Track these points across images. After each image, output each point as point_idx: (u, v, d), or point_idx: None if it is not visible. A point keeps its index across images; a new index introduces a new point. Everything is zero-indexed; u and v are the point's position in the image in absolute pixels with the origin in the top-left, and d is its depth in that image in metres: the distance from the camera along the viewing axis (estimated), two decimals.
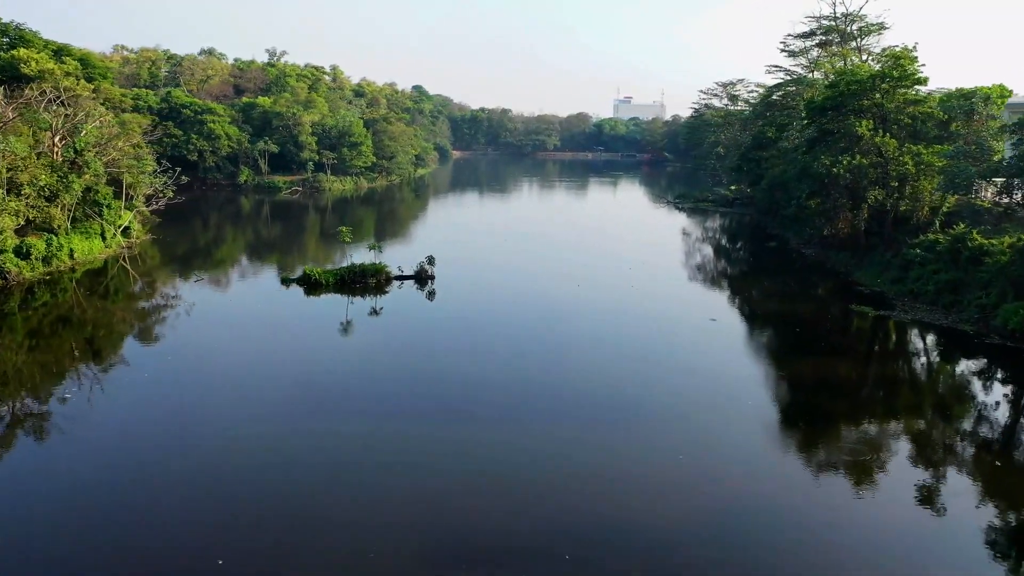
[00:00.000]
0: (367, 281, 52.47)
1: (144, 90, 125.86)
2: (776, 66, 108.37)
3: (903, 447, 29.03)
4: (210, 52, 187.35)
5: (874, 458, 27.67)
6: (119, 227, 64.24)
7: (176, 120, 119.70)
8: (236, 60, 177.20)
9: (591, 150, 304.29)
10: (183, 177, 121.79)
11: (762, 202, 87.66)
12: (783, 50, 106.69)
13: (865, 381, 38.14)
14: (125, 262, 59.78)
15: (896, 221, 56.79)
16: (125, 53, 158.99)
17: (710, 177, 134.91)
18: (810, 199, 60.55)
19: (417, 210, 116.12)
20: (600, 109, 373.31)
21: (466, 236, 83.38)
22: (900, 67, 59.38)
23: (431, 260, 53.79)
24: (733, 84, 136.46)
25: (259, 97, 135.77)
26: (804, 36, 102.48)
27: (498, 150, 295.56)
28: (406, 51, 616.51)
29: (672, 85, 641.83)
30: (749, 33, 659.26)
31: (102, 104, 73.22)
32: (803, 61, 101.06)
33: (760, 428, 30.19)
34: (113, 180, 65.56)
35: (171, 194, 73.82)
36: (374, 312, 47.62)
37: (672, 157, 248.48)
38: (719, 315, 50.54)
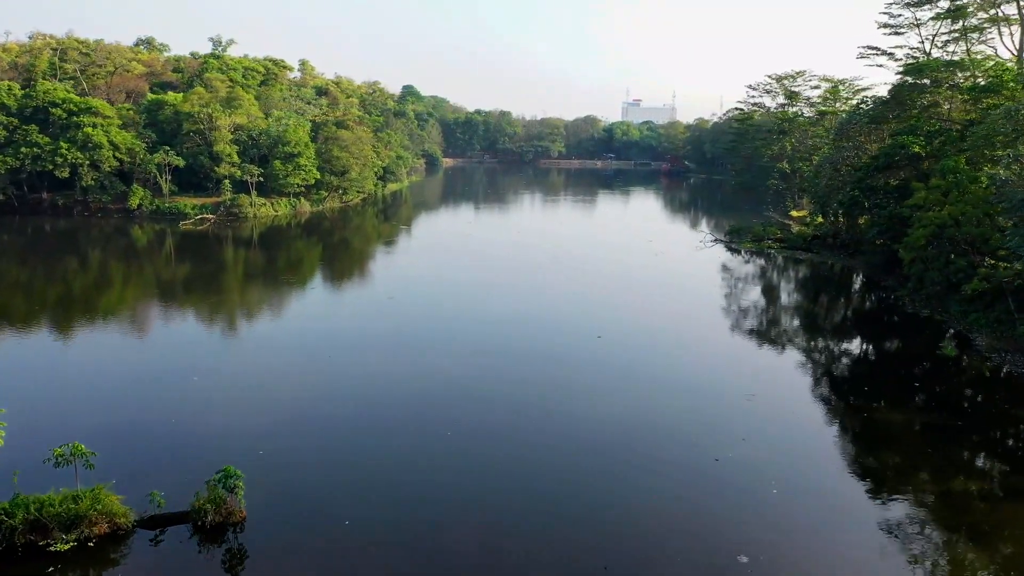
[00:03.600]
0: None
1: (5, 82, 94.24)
2: (872, 48, 76.08)
3: None
4: (148, 43, 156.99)
5: None
6: None
7: (43, 123, 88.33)
8: (189, 55, 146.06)
9: (600, 157, 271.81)
10: (58, 200, 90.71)
11: (881, 255, 55.76)
12: (885, 24, 74.53)
13: None
14: None
15: None
16: (12, 39, 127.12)
17: (769, 200, 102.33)
18: None
19: (374, 242, 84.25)
20: (607, 112, 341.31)
21: (433, 290, 52.17)
22: None
23: (228, 480, 21.91)
24: (792, 77, 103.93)
25: (169, 93, 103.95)
26: (917, 3, 70.35)
27: (496, 157, 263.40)
28: (401, 50, 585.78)
29: (683, 87, 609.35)
30: (764, 32, 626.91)
31: None
32: (914, 40, 68.99)
33: None
34: None
35: None
36: None
37: (694, 167, 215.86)
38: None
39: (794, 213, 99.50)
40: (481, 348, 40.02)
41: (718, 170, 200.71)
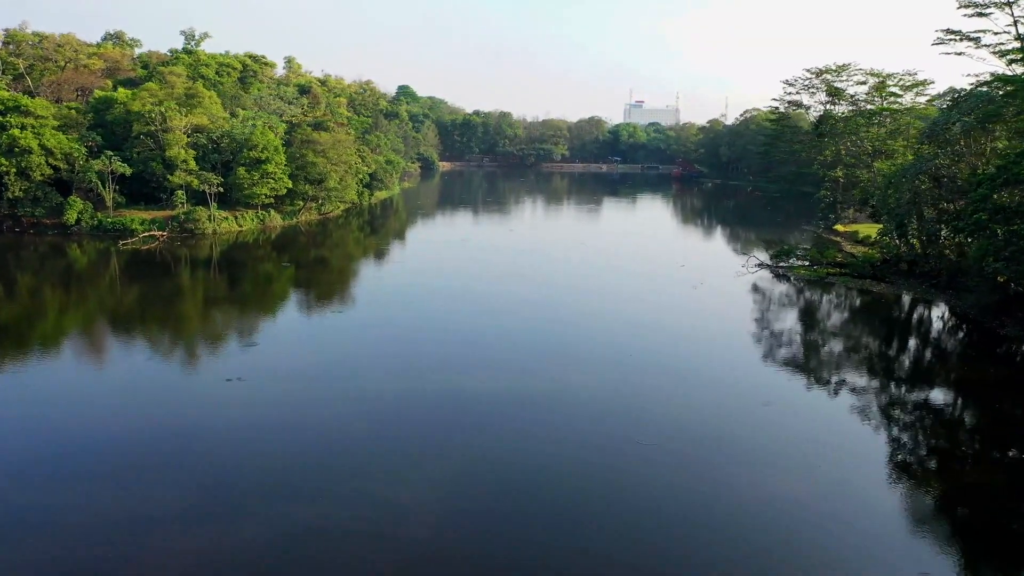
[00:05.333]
0: None
1: None
2: (953, 32, 62.75)
3: None
4: (118, 37, 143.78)
5: None
6: None
7: None
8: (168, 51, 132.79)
9: (606, 160, 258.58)
10: None
11: (998, 292, 42.35)
12: (969, 3, 61.21)
13: None
14: None
15: None
16: None
17: (819, 212, 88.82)
18: None
19: (355, 262, 70.80)
20: (609, 115, 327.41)
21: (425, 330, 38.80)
22: None
23: None
24: (836, 71, 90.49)
25: (120, 89, 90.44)
26: None
27: (496, 161, 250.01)
28: (396, 48, 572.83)
29: (685, 88, 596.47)
30: (771, 32, 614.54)
31: None
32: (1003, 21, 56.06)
33: None
34: None
35: None
36: None
37: (707, 171, 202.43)
38: None
39: (841, 228, 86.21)
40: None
41: (734, 175, 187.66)
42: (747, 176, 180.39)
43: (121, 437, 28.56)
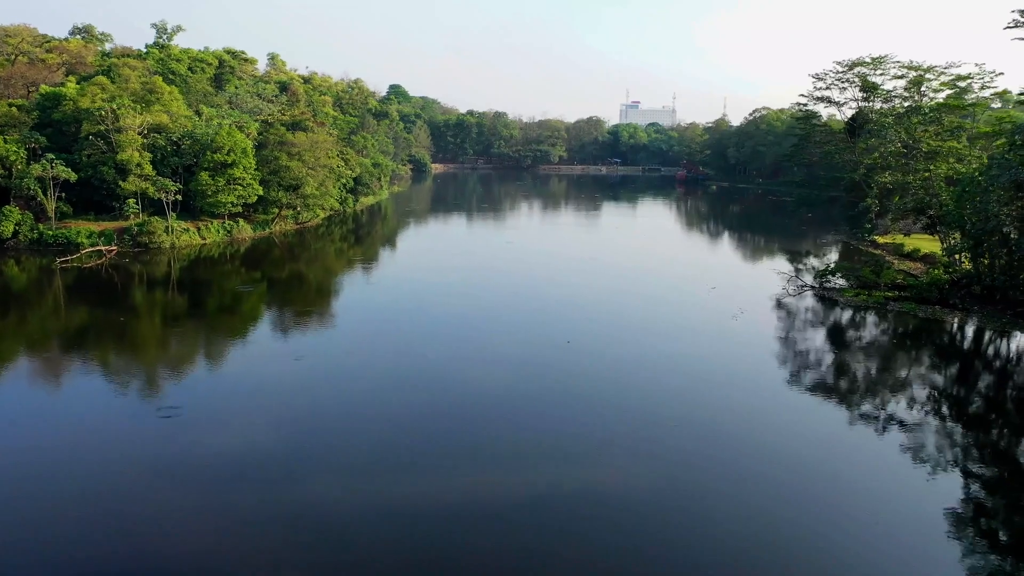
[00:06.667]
0: None
1: None
2: None
3: None
4: (87, 31, 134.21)
5: None
6: None
7: None
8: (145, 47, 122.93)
9: (605, 162, 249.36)
10: None
11: None
12: None
13: None
14: None
15: None
16: None
17: (865, 223, 79.36)
18: None
19: (327, 286, 61.10)
20: (606, 116, 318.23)
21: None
22: None
23: None
24: (872, 64, 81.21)
25: (69, 84, 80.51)
26: None
27: (490, 163, 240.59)
28: (388, 46, 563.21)
29: (682, 89, 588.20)
30: (770, 36, 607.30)
31: None
32: None
33: None
34: None
35: None
36: None
37: (714, 173, 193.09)
38: None
39: (880, 239, 76.96)
40: None
41: (742, 177, 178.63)
42: (756, 179, 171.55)
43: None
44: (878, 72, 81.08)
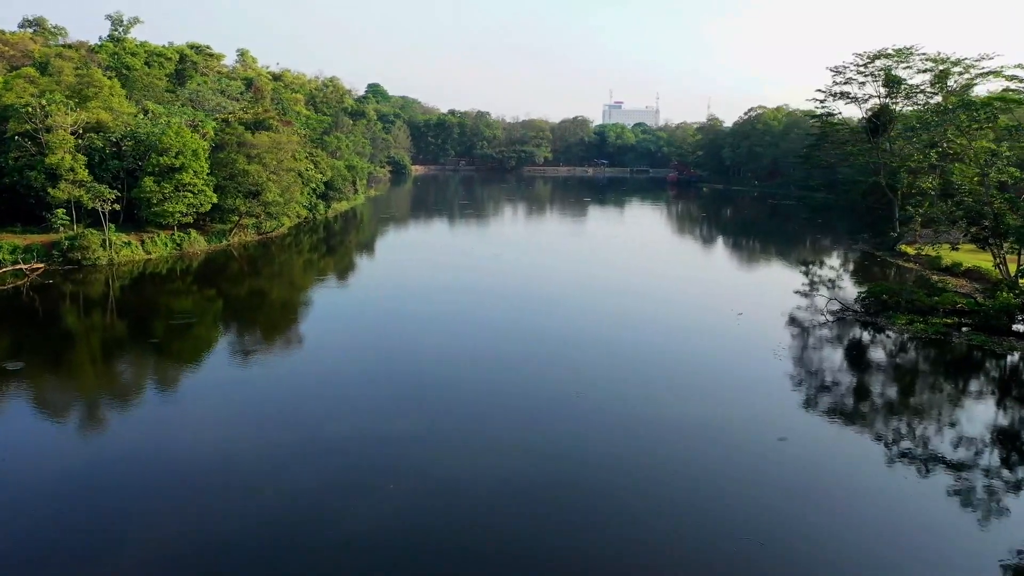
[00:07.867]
0: None
1: None
2: None
3: None
4: (38, 24, 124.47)
5: None
6: None
7: None
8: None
9: (592, 163, 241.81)
10: None
11: None
12: None
13: None
14: None
15: None
16: None
17: (904, 232, 71.67)
18: None
19: (289, 313, 52.29)
20: (588, 116, 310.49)
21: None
22: None
23: None
24: (896, 56, 73.70)
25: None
26: None
27: (473, 164, 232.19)
28: (367, 44, 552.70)
29: (664, 90, 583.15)
30: (766, 37, 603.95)
31: None
32: None
33: None
34: None
35: None
36: None
37: (707, 175, 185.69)
38: None
39: (908, 249, 69.40)
40: None
41: (737, 179, 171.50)
42: (752, 181, 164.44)
43: None
44: (903, 65, 73.64)
